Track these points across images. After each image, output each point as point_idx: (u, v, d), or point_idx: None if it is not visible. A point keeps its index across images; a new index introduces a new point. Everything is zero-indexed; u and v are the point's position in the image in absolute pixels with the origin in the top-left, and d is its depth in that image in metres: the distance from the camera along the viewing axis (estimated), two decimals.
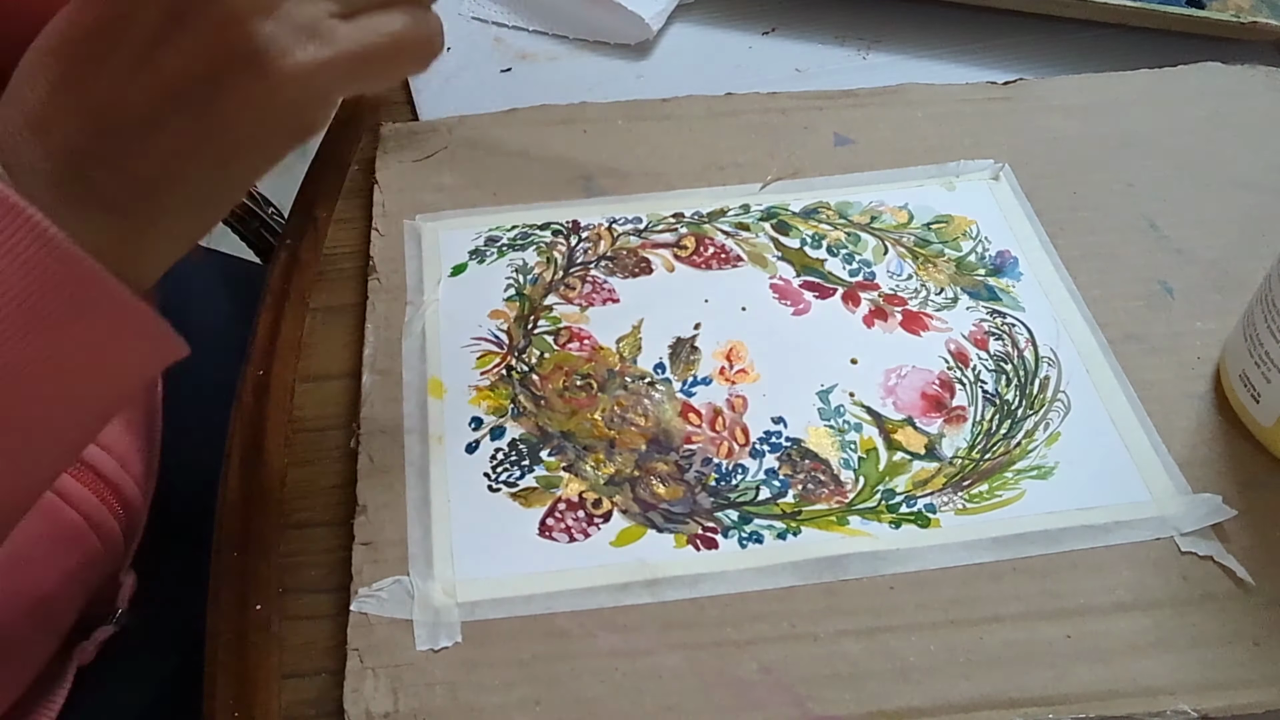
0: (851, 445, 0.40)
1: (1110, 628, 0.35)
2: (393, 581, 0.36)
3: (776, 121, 0.52)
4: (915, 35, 0.59)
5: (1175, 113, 0.52)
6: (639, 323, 0.43)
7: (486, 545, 0.37)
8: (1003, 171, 0.49)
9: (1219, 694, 0.34)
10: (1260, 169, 0.49)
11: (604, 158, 0.50)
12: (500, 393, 0.41)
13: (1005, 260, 0.46)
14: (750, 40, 0.59)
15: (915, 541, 0.37)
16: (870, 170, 0.49)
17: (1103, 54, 0.57)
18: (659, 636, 0.35)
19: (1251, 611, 0.35)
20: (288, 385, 0.43)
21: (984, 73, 0.55)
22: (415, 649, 0.35)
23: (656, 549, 0.37)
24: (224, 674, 0.36)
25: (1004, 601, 0.36)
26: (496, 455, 0.39)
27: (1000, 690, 0.34)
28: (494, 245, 0.46)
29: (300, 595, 0.37)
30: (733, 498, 0.38)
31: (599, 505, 0.38)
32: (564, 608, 0.35)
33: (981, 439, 0.40)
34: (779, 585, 0.36)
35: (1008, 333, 0.43)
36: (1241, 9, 0.55)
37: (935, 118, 0.51)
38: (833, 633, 0.35)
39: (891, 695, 0.34)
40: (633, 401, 0.41)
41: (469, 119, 0.52)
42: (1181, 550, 0.37)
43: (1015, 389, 0.41)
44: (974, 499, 0.38)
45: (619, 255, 0.46)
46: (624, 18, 0.57)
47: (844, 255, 0.46)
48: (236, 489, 0.40)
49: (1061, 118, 0.51)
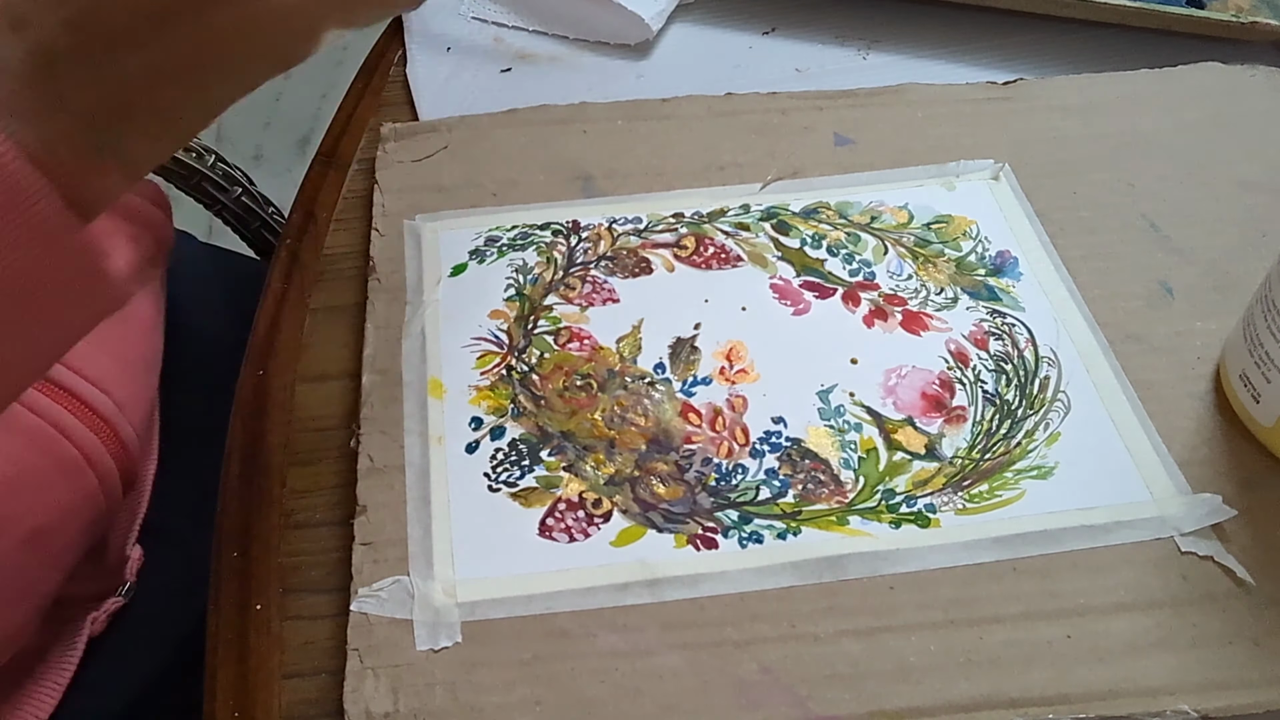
0: (851, 445, 0.40)
1: (1110, 628, 0.35)
2: (393, 581, 0.36)
3: (776, 121, 0.52)
4: (915, 35, 0.59)
5: (1175, 113, 0.52)
6: (639, 323, 0.43)
7: (486, 545, 0.37)
8: (1003, 171, 0.49)
9: (1219, 694, 0.34)
10: (1260, 169, 0.49)
11: (604, 158, 0.50)
12: (500, 393, 0.41)
13: (1005, 260, 0.46)
14: (750, 40, 0.59)
15: (915, 541, 0.37)
16: (870, 170, 0.49)
17: (1103, 54, 0.57)
18: (659, 636, 0.35)
19: (1251, 611, 0.35)
20: (288, 385, 0.43)
21: (984, 73, 0.55)
22: (415, 649, 0.35)
23: (656, 549, 0.37)
24: (224, 674, 0.36)
25: (1004, 601, 0.36)
26: (496, 455, 0.39)
27: (1000, 690, 0.34)
28: (494, 245, 0.46)
29: (300, 595, 0.37)
30: (733, 498, 0.38)
31: (599, 505, 0.38)
32: (564, 608, 0.35)
33: (981, 439, 0.40)
34: (779, 585, 0.36)
35: (1008, 333, 0.43)
36: (1241, 9, 0.55)
37: (935, 118, 0.51)
38: (833, 633, 0.35)
39: (891, 695, 0.34)
40: (633, 401, 0.41)
41: (469, 119, 0.52)
42: (1181, 550, 0.37)
43: (1015, 389, 0.41)
44: (974, 499, 0.38)
45: (619, 255, 0.46)
46: (624, 18, 0.57)
47: (844, 255, 0.46)
48: (236, 489, 0.40)
49: (1061, 118, 0.51)
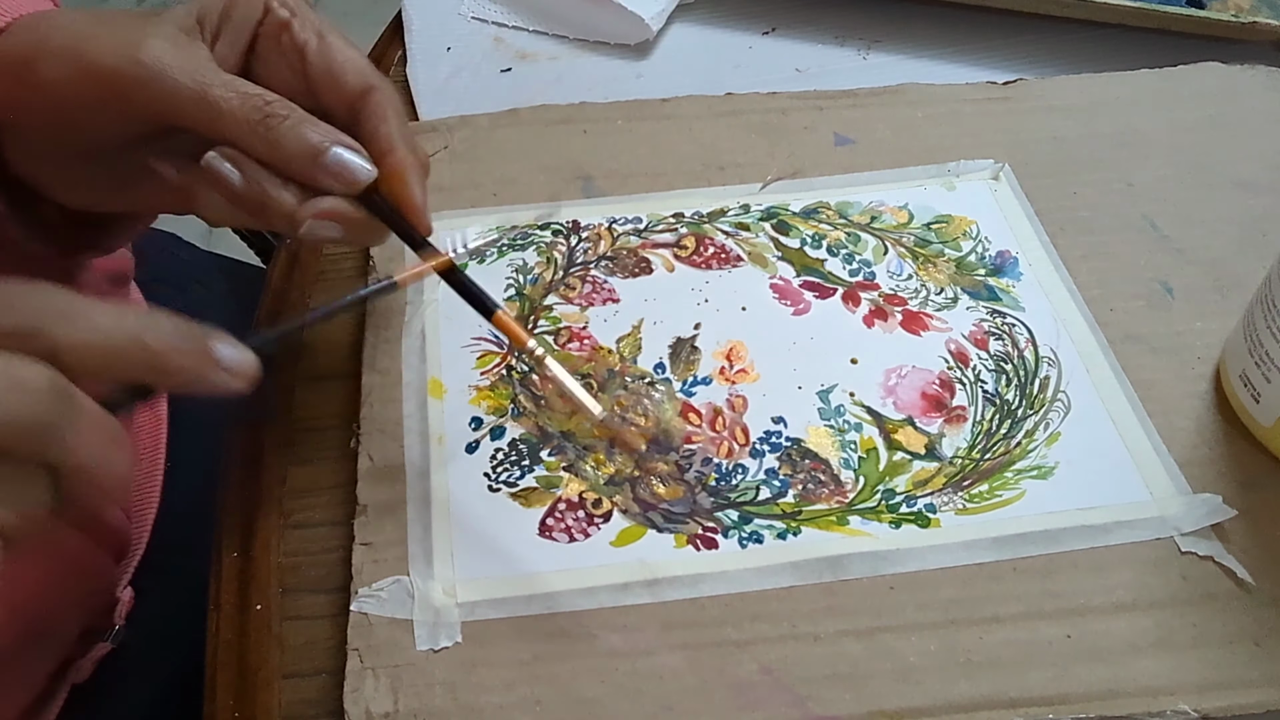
0: (852, 445, 0.40)
1: (1110, 628, 0.35)
2: (393, 581, 0.36)
3: (776, 121, 0.52)
4: (915, 35, 0.59)
5: (1175, 113, 0.52)
6: (639, 323, 0.43)
7: (486, 545, 0.37)
8: (1003, 171, 0.49)
9: (1219, 694, 0.34)
10: (1260, 169, 0.49)
11: (604, 158, 0.50)
12: (500, 393, 0.41)
13: (1005, 260, 0.46)
14: (750, 40, 0.59)
15: (915, 541, 0.37)
16: (870, 170, 0.49)
17: (1103, 54, 0.57)
18: (659, 636, 0.35)
19: (1252, 611, 0.35)
20: (288, 385, 0.43)
21: (984, 73, 0.55)
22: (415, 649, 0.35)
23: (656, 549, 0.37)
24: (224, 674, 0.36)
25: (1004, 601, 0.36)
26: (496, 455, 0.39)
27: (1000, 690, 0.34)
28: (494, 245, 0.46)
29: (300, 595, 0.37)
30: (733, 497, 0.38)
31: (599, 505, 0.38)
32: (564, 608, 0.35)
33: (981, 439, 0.40)
34: (779, 585, 0.36)
35: (1008, 333, 0.43)
36: (1241, 9, 0.55)
37: (935, 118, 0.51)
38: (833, 633, 0.35)
39: (891, 695, 0.34)
40: (633, 401, 0.41)
41: (469, 119, 0.52)
42: (1181, 550, 0.37)
43: (1015, 389, 0.41)
44: (974, 499, 0.38)
45: (619, 255, 0.46)
46: (624, 18, 0.57)
47: (844, 255, 0.46)
48: (236, 489, 0.40)
49: (1061, 118, 0.51)
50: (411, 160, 0.35)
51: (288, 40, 0.35)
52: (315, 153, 0.33)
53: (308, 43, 0.35)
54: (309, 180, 0.34)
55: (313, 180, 0.34)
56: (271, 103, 0.33)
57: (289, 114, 0.33)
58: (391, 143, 0.35)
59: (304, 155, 0.33)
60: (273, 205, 0.34)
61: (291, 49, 0.35)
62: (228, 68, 0.34)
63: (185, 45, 0.33)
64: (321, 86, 0.35)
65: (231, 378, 0.29)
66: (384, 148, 0.35)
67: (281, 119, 0.33)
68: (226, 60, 0.35)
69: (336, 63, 0.35)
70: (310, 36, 0.35)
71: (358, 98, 0.35)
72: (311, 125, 0.33)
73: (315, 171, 0.34)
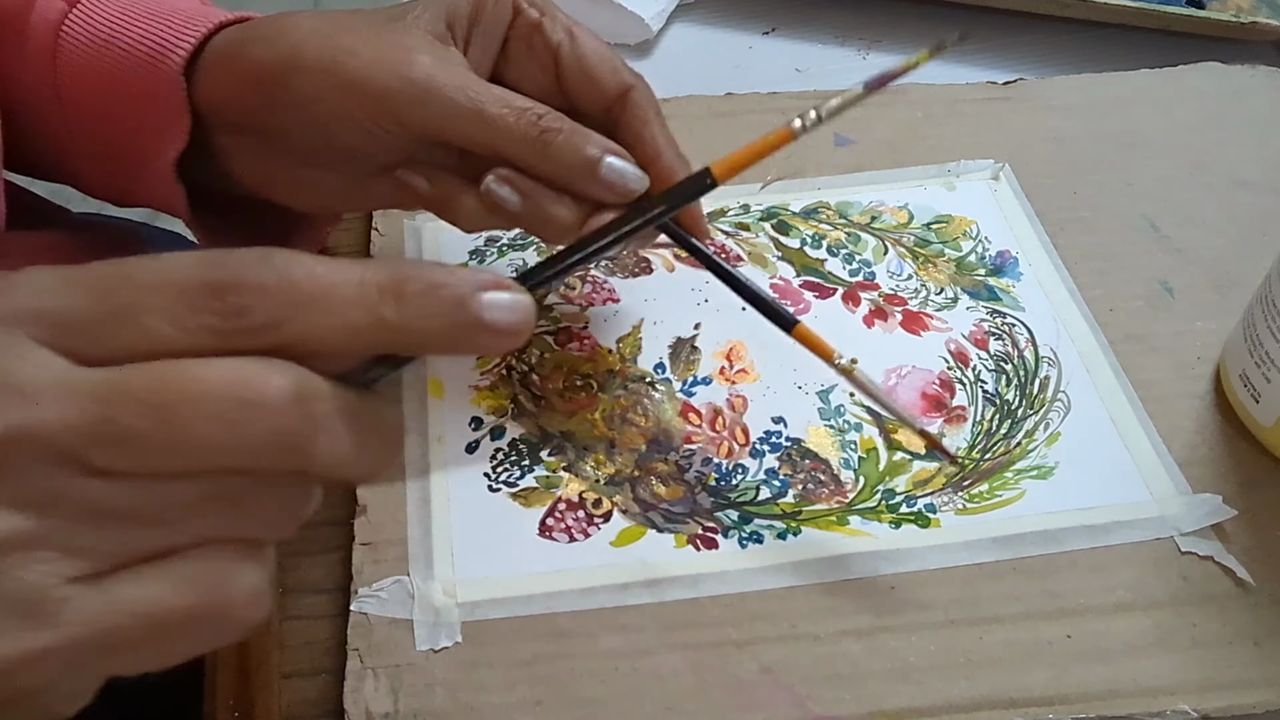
0: (852, 445, 0.40)
1: (1110, 628, 0.35)
2: (393, 581, 0.36)
3: (776, 121, 0.51)
4: (915, 35, 0.59)
5: (1175, 113, 0.52)
6: (639, 323, 0.43)
7: (486, 545, 0.37)
8: (1003, 171, 0.49)
9: (1219, 694, 0.34)
10: (1260, 169, 0.49)
11: None
12: (500, 393, 0.41)
13: (1005, 260, 0.46)
14: (750, 40, 0.59)
15: (915, 541, 0.37)
16: (870, 170, 0.49)
17: (1103, 54, 0.57)
18: (659, 636, 0.35)
19: (1251, 611, 0.35)
20: None
21: (984, 73, 0.55)
22: (415, 649, 0.35)
23: (656, 549, 0.37)
24: (224, 674, 0.36)
25: (1004, 601, 0.36)
26: (496, 455, 0.39)
27: (1000, 690, 0.34)
28: (494, 245, 0.46)
29: (300, 595, 0.37)
30: (733, 498, 0.38)
31: (599, 505, 0.38)
32: (564, 608, 0.35)
33: (981, 439, 0.40)
34: (779, 585, 0.36)
35: (1008, 333, 0.43)
36: (1241, 9, 0.55)
37: (935, 118, 0.51)
38: (833, 633, 0.35)
39: (891, 695, 0.34)
40: (633, 401, 0.41)
41: None
42: (1181, 550, 0.37)
43: (1015, 389, 0.41)
44: (974, 499, 0.38)
45: (619, 255, 0.46)
46: (624, 18, 0.57)
47: (844, 255, 0.46)
48: None
49: (1061, 118, 0.51)
50: (680, 165, 0.35)
51: (539, 42, 0.34)
52: (592, 165, 0.33)
53: (561, 44, 0.34)
54: (581, 191, 0.33)
55: (585, 191, 0.33)
56: (544, 116, 0.32)
57: (562, 127, 0.33)
58: (658, 147, 0.34)
59: (581, 168, 0.33)
60: (553, 222, 0.33)
61: (544, 50, 0.34)
62: (481, 74, 0.33)
63: (448, 57, 0.33)
64: (576, 88, 0.34)
65: (500, 337, 0.24)
66: (650, 153, 0.34)
67: (556, 132, 0.32)
68: (480, 66, 0.34)
69: (591, 63, 0.34)
70: (563, 37, 0.34)
71: (615, 99, 0.34)
72: (584, 137, 0.33)
73: (591, 184, 0.33)
